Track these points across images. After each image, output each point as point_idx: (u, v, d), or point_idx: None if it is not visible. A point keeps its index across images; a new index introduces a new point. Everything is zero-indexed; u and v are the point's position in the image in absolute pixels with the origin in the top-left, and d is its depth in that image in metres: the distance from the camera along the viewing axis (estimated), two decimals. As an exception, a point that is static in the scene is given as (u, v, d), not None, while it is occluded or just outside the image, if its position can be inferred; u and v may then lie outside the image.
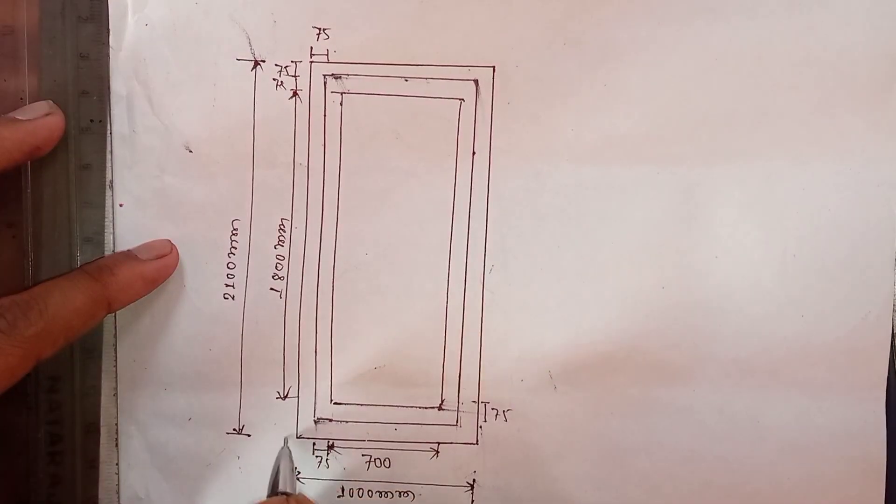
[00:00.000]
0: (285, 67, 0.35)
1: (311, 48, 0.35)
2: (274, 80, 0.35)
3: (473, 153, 0.35)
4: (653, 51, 0.34)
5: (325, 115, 0.35)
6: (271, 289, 0.35)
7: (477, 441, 0.36)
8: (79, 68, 0.34)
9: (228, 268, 0.35)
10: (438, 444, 0.36)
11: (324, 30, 0.34)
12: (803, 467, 0.35)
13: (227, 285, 0.35)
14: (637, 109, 0.34)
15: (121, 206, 0.35)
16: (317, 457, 0.36)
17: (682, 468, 0.36)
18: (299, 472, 0.36)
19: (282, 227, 0.35)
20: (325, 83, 0.35)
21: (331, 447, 0.36)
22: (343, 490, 0.36)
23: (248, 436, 0.36)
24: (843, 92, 0.34)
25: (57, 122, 0.33)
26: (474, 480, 0.36)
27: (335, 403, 0.36)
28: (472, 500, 0.36)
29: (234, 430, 0.36)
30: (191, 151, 0.35)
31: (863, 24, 0.34)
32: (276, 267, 0.35)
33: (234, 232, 0.35)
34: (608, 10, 0.34)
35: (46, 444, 0.35)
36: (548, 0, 0.34)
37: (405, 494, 0.36)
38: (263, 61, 0.35)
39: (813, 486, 0.35)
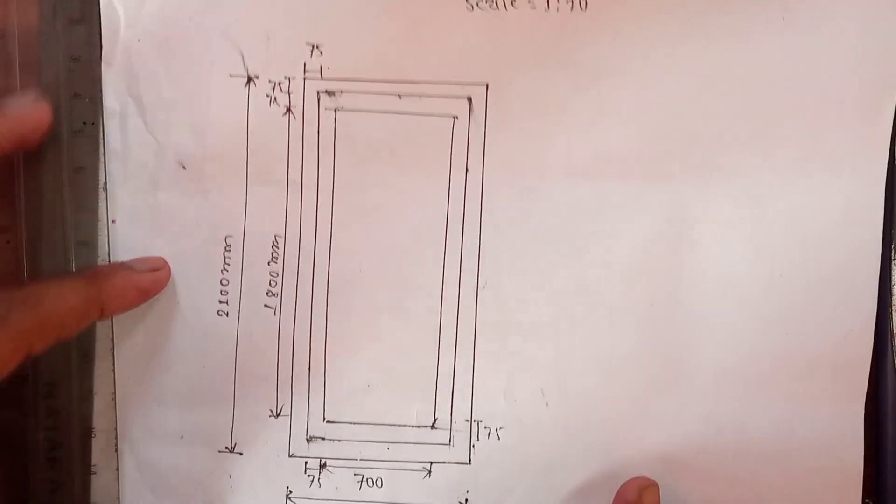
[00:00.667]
0: (279, 84, 0.35)
1: (305, 64, 0.35)
2: (267, 96, 0.35)
3: (467, 170, 0.35)
4: (645, 71, 0.35)
5: (318, 132, 0.35)
6: (265, 305, 0.35)
7: (469, 461, 0.36)
8: (70, 70, 0.34)
9: (222, 284, 0.35)
10: (431, 463, 0.36)
11: (317, 46, 0.34)
12: (784, 476, 0.36)
13: (220, 302, 0.35)
14: (629, 128, 0.35)
15: (113, 221, 0.35)
16: (309, 476, 0.36)
17: (672, 479, 0.36)
18: (291, 492, 0.36)
19: (275, 243, 0.35)
20: (318, 99, 0.35)
21: (323, 466, 0.36)
22: (334, 511, 0.36)
23: (240, 454, 0.35)
24: (831, 113, 0.35)
25: (43, 111, 0.33)
26: (467, 500, 0.36)
27: (328, 422, 0.36)
28: (465, 520, 0.36)
29: (227, 448, 0.35)
30: (184, 167, 0.34)
31: (852, 48, 0.34)
32: (270, 283, 0.35)
33: (228, 248, 0.35)
34: (601, 31, 0.34)
35: (45, 449, 0.35)
36: (541, 19, 0.34)
37: (397, 515, 0.36)
38: (257, 77, 0.34)
39: (793, 495, 0.36)
